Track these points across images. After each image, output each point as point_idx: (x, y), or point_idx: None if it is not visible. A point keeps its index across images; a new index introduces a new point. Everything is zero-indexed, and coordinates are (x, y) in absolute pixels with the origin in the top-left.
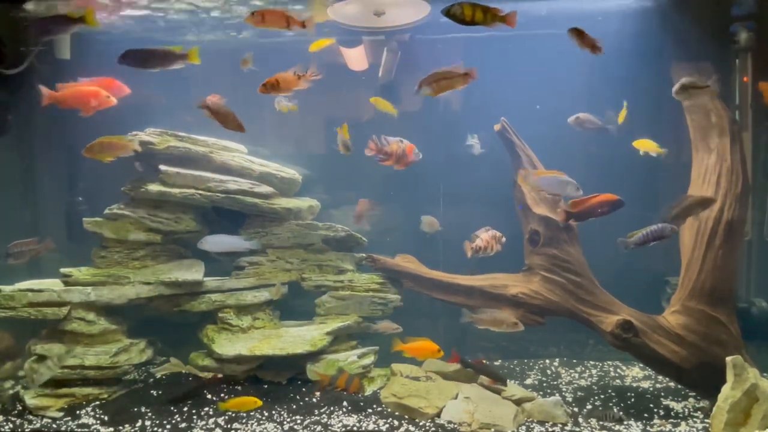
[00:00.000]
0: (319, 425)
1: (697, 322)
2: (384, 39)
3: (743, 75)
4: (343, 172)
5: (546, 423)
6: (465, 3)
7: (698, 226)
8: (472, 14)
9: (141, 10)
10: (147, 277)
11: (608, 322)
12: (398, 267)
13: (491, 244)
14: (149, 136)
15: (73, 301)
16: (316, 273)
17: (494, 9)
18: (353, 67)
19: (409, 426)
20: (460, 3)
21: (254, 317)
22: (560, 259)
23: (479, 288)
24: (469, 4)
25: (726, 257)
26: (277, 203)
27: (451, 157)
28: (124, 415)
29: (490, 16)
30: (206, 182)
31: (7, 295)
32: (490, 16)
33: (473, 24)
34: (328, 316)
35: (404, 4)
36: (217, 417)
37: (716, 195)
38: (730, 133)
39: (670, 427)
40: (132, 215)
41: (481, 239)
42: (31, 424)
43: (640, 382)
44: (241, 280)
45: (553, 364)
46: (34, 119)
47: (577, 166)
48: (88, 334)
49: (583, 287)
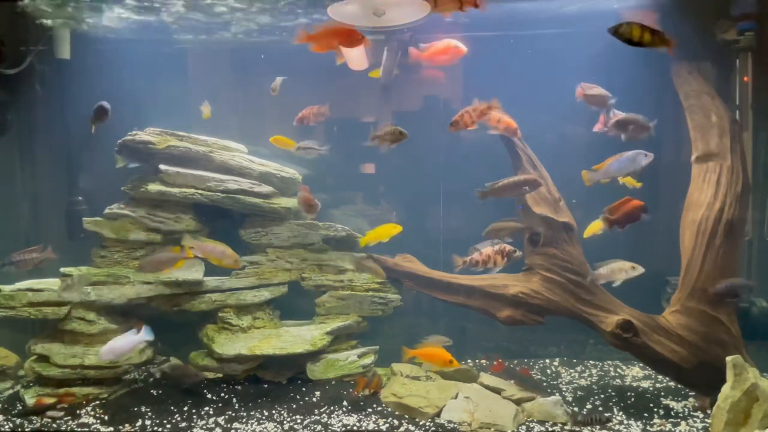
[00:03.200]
0: (319, 425)
1: (697, 322)
2: (384, 39)
3: (743, 75)
4: (343, 172)
5: (546, 422)
6: (634, 23)
7: (698, 226)
8: (641, 35)
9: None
10: (147, 277)
11: (608, 322)
12: (398, 266)
13: (493, 258)
14: (149, 136)
15: (73, 301)
16: (316, 272)
17: (660, 32)
18: (353, 67)
19: (409, 425)
20: (629, 22)
21: (254, 317)
22: (560, 258)
23: (479, 288)
24: (639, 25)
25: (726, 257)
26: (278, 203)
27: (452, 157)
28: (124, 414)
29: (658, 39)
30: (206, 182)
31: (7, 295)
32: (658, 39)
33: (641, 45)
34: (328, 315)
35: (404, 4)
36: (217, 416)
37: (716, 195)
38: (730, 133)
39: (670, 426)
40: (132, 215)
41: (480, 253)
42: (31, 424)
43: (640, 382)
44: (241, 279)
45: (553, 363)
46: (34, 119)
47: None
48: (88, 333)
49: (583, 287)
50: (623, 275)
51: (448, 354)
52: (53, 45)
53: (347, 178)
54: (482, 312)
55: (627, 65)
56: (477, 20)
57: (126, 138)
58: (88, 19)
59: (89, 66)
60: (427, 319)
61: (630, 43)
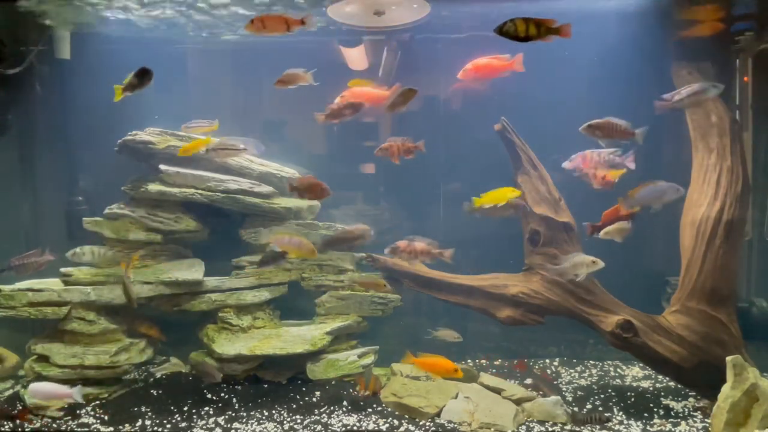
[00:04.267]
0: (319, 425)
1: (697, 322)
2: (384, 39)
3: (743, 75)
4: (343, 172)
5: (546, 422)
6: (518, 19)
7: (698, 226)
8: (526, 29)
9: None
10: (147, 277)
11: (608, 322)
12: (398, 266)
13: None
14: (149, 136)
15: (73, 301)
16: (317, 272)
17: (548, 21)
18: (353, 67)
19: (409, 426)
20: (512, 19)
21: (254, 317)
22: (560, 258)
23: (479, 288)
24: (522, 19)
25: (726, 257)
26: (278, 203)
27: (451, 157)
28: (124, 414)
29: (544, 29)
30: (206, 182)
31: (7, 295)
32: (544, 29)
33: (528, 40)
34: (329, 315)
35: (404, 4)
36: (217, 417)
37: (716, 195)
38: (731, 133)
39: (670, 426)
40: (132, 215)
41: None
42: (31, 424)
43: (640, 382)
44: (242, 279)
45: (553, 363)
46: (34, 119)
47: None
48: (88, 333)
49: (583, 287)
50: (585, 269)
51: (452, 363)
52: (53, 45)
53: (347, 178)
54: (482, 312)
55: (627, 65)
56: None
57: (126, 138)
58: (88, 19)
59: (89, 66)
60: (427, 319)
61: (518, 39)
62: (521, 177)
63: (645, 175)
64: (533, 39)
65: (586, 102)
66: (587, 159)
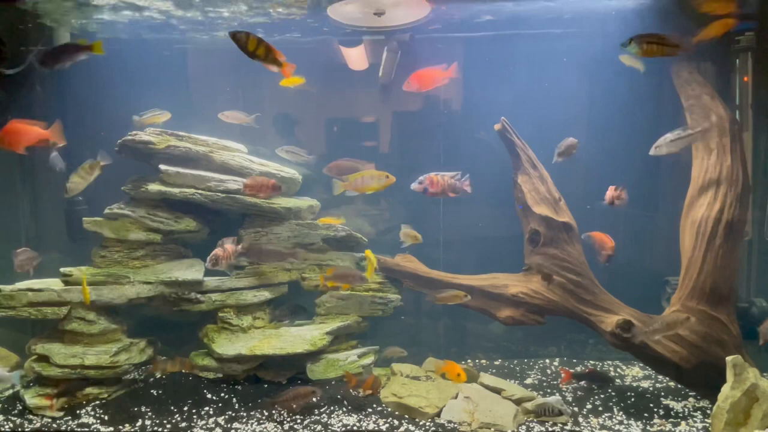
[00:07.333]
0: (319, 425)
1: (697, 322)
2: (384, 39)
3: (743, 75)
4: None
5: (546, 422)
6: (252, 35)
7: (698, 226)
8: (256, 47)
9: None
10: (147, 277)
11: (608, 322)
12: (398, 266)
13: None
14: (149, 136)
15: (73, 301)
16: (317, 272)
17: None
18: (353, 67)
19: (409, 426)
20: (246, 32)
21: (254, 317)
22: (560, 258)
23: (479, 288)
24: (256, 38)
25: (726, 257)
26: (278, 203)
27: (451, 157)
28: (124, 414)
29: (271, 57)
30: (206, 182)
31: (7, 295)
32: (271, 57)
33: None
34: (328, 315)
35: (404, 4)
36: (217, 417)
37: (716, 195)
38: (730, 133)
39: (670, 426)
40: (132, 215)
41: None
42: (31, 424)
43: (640, 382)
44: (241, 279)
45: (553, 363)
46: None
47: (577, 167)
48: (88, 333)
49: (583, 287)
50: (410, 240)
51: (458, 367)
52: (53, 45)
53: None
54: (482, 312)
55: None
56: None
57: (126, 138)
58: (88, 19)
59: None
60: (428, 319)
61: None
62: (521, 177)
63: (646, 175)
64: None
65: (586, 102)
66: (434, 182)
